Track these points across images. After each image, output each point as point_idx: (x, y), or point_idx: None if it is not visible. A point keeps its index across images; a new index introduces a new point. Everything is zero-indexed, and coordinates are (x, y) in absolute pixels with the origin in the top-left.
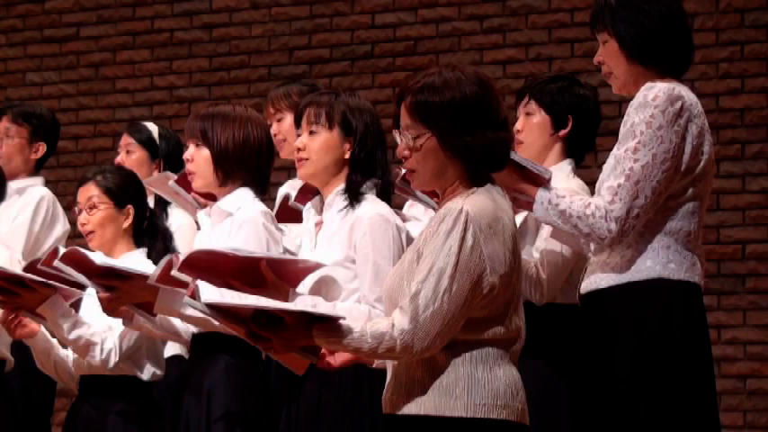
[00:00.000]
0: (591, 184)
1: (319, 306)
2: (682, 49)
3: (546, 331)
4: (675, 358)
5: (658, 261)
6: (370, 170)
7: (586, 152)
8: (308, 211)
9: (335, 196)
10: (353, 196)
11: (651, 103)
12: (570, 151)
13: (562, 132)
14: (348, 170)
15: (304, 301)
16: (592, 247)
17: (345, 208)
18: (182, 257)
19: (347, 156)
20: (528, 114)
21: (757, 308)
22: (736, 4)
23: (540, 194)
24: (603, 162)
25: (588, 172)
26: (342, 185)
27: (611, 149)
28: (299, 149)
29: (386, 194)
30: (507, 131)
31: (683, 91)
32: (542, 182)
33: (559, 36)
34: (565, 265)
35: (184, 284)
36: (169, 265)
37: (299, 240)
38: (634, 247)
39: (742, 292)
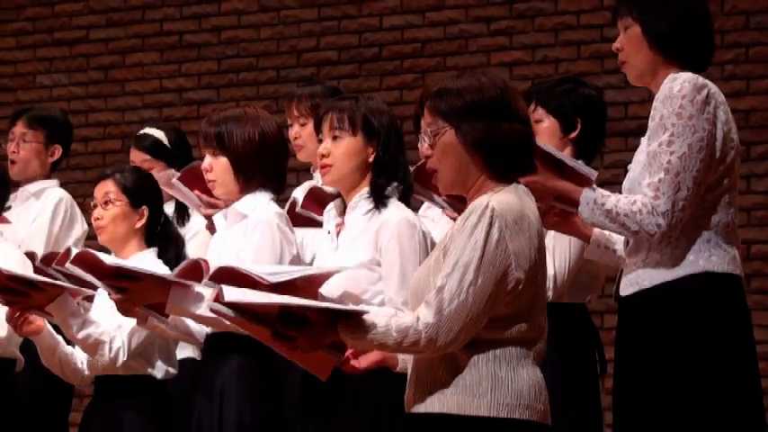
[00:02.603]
0: (599, 185)
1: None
2: (704, 42)
3: (551, 330)
4: (725, 351)
5: (701, 255)
6: (393, 173)
7: (598, 150)
8: (329, 212)
9: (359, 199)
10: (379, 200)
11: (677, 94)
12: (581, 152)
13: (572, 135)
14: (372, 174)
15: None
16: (621, 250)
17: (371, 211)
18: (212, 269)
19: (371, 159)
20: (537, 121)
21: (762, 308)
22: (741, 7)
23: (586, 194)
24: (609, 163)
25: None
26: (366, 189)
27: (617, 150)
28: (323, 156)
29: (406, 198)
30: (528, 126)
31: (707, 80)
32: (587, 183)
33: (566, 38)
34: (574, 264)
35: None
36: (191, 266)
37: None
38: (674, 244)
39: (747, 292)
